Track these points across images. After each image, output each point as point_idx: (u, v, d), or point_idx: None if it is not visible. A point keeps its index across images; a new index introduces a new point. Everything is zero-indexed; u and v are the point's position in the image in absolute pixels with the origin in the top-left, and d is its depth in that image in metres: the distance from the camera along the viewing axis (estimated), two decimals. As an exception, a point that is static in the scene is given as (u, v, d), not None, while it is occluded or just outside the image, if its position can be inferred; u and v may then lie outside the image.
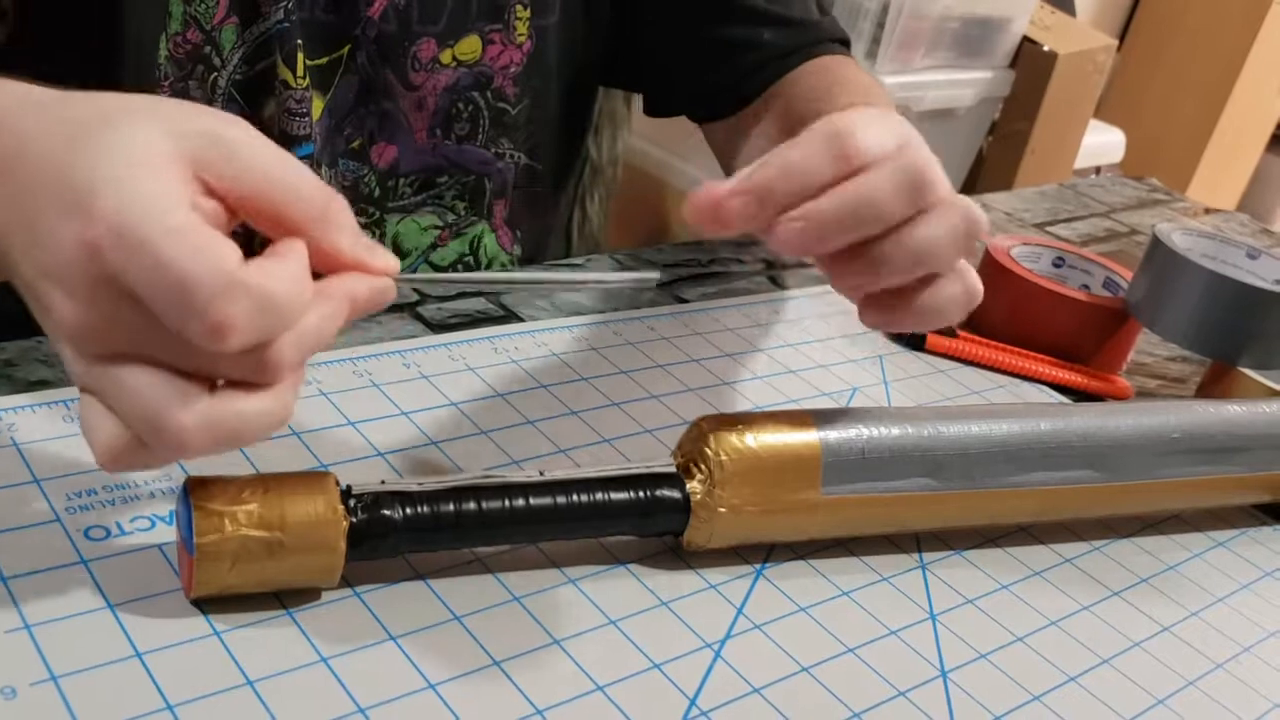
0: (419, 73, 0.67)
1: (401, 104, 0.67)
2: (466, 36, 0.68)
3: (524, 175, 0.75)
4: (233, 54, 0.61)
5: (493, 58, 0.69)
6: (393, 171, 0.70)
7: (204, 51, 0.60)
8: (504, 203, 0.75)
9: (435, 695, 0.38)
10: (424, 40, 0.66)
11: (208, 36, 0.60)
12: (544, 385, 0.56)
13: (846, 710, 0.42)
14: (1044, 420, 0.51)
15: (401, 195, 0.71)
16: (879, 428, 0.47)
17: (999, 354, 0.70)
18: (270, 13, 0.60)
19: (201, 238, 0.32)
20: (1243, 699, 0.48)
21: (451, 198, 0.72)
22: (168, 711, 0.35)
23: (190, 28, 0.60)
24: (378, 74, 0.66)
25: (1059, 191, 1.08)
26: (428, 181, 0.71)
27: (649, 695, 0.40)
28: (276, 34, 0.61)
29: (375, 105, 0.67)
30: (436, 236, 0.73)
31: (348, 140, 0.67)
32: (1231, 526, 0.60)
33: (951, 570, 0.51)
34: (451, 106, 0.69)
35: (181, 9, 0.59)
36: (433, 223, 0.73)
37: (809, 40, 0.74)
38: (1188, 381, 0.75)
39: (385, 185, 0.70)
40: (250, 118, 0.62)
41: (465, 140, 0.71)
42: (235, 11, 0.60)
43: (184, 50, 0.60)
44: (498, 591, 0.43)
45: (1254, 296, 0.66)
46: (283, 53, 0.61)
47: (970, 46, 1.97)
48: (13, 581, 0.38)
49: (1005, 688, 0.45)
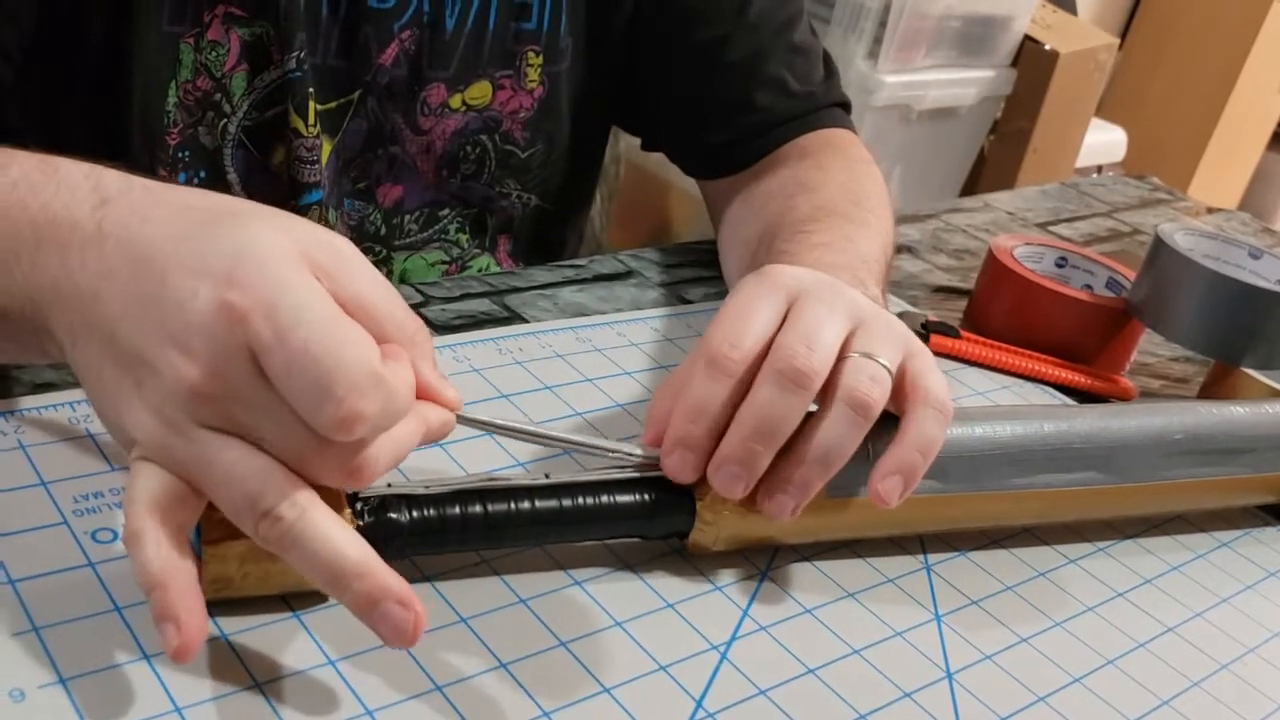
0: (428, 117, 0.66)
1: (409, 148, 0.67)
2: (477, 82, 0.67)
3: (533, 214, 0.75)
4: (242, 101, 0.61)
5: (502, 102, 0.69)
6: (398, 209, 0.69)
7: (214, 98, 0.60)
8: (508, 237, 0.75)
9: (442, 697, 0.38)
10: (434, 85, 0.66)
11: (218, 84, 0.60)
12: (548, 386, 0.56)
13: (852, 712, 0.42)
14: (1048, 423, 0.51)
15: (408, 233, 0.70)
16: (885, 431, 0.47)
17: (1002, 354, 0.70)
18: (283, 61, 0.60)
19: (353, 331, 0.34)
20: (1247, 700, 0.48)
21: (455, 230, 0.72)
22: (176, 714, 0.35)
23: (200, 75, 0.59)
24: (387, 118, 0.66)
25: (1061, 191, 1.08)
26: (432, 216, 0.71)
27: (655, 697, 0.40)
28: (288, 82, 0.61)
29: (383, 149, 0.67)
30: (444, 271, 0.73)
31: (354, 181, 0.67)
32: (1235, 527, 0.60)
33: (956, 571, 0.51)
34: (459, 150, 0.69)
35: (192, 57, 0.59)
36: (439, 258, 0.72)
37: (806, 109, 0.72)
38: (1191, 382, 0.75)
39: (390, 223, 0.70)
40: (260, 164, 0.63)
41: (470, 179, 0.71)
42: (246, 59, 0.60)
43: (194, 97, 0.60)
44: (504, 594, 0.43)
45: (1257, 297, 0.66)
46: (294, 101, 0.61)
47: (972, 45, 1.97)
48: (20, 584, 0.38)
49: (1010, 689, 0.45)
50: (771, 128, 0.71)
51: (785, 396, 0.42)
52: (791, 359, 0.42)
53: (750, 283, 0.46)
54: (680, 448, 0.43)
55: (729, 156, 0.73)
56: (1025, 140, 2.11)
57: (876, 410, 0.43)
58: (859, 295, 0.46)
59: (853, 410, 0.43)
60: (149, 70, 0.58)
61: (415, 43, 0.64)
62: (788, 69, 0.72)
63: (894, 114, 1.91)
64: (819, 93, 0.73)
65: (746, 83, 0.71)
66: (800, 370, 0.42)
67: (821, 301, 0.44)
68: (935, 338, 0.69)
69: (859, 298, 0.46)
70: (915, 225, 0.91)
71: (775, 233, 0.61)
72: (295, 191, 0.63)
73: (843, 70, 0.80)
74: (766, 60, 0.71)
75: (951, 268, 0.84)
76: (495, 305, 0.64)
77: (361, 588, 0.34)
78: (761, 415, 0.42)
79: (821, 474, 0.43)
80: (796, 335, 0.43)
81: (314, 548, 0.34)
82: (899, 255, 0.84)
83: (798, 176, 0.67)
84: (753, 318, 0.44)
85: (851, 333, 0.44)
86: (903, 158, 2.01)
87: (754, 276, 0.46)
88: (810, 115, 0.72)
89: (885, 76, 1.82)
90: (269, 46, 0.60)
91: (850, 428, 0.43)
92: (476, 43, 0.66)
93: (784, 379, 0.42)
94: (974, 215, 0.96)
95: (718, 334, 0.43)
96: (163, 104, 0.59)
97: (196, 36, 0.58)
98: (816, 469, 0.43)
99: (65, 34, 0.56)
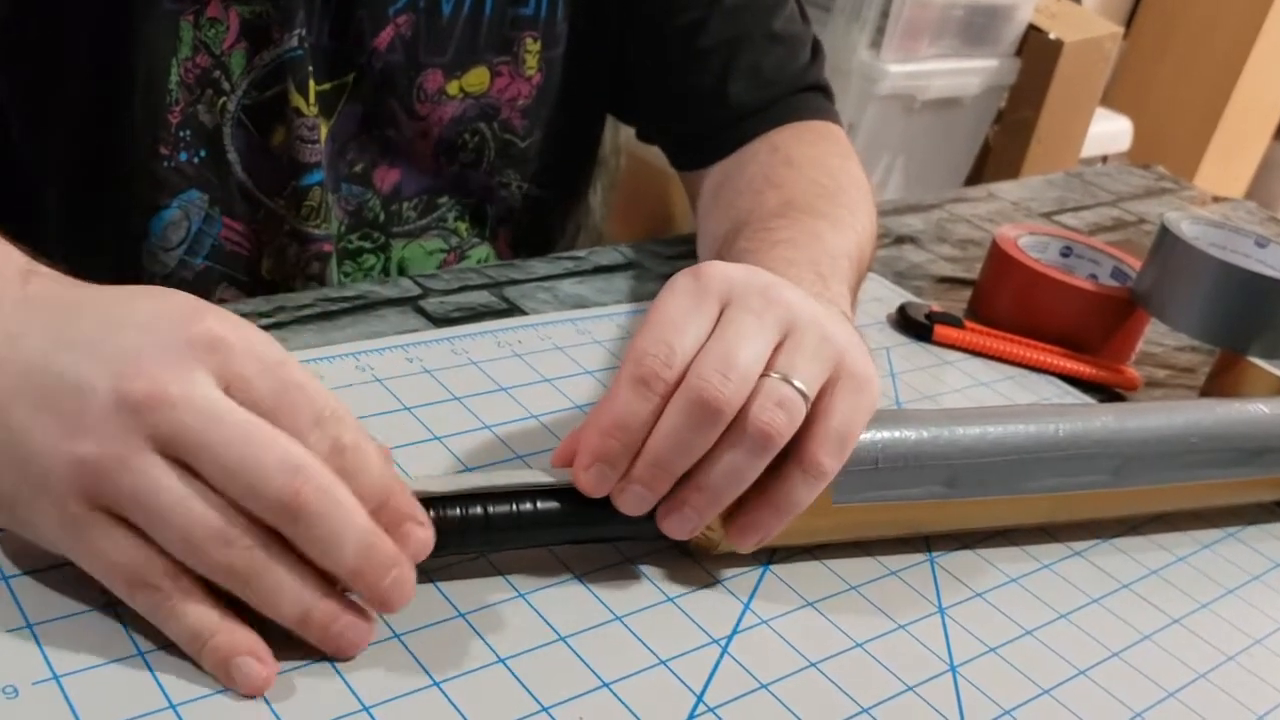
0: (424, 103, 0.66)
1: (405, 133, 0.67)
2: (474, 68, 0.67)
3: (532, 205, 0.74)
4: (242, 79, 0.61)
5: (500, 89, 0.68)
6: (396, 195, 0.69)
7: (213, 75, 0.60)
8: (508, 228, 0.74)
9: (440, 693, 0.38)
10: (430, 71, 0.65)
11: (217, 61, 0.60)
12: (548, 379, 0.56)
13: (855, 705, 0.41)
14: (1060, 427, 0.50)
15: (406, 219, 0.70)
16: (893, 432, 0.47)
17: (1007, 345, 0.69)
18: (282, 39, 0.60)
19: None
20: (1253, 691, 0.48)
21: (454, 219, 0.72)
22: (171, 711, 0.35)
23: (200, 52, 0.59)
24: (382, 103, 0.65)
25: (1066, 180, 1.08)
26: (431, 204, 0.70)
27: (656, 692, 0.40)
28: (288, 61, 0.60)
29: (379, 132, 0.66)
30: (443, 260, 0.73)
31: (350, 165, 0.66)
32: (1241, 519, 0.59)
33: (960, 564, 0.50)
34: (457, 137, 0.68)
35: (191, 33, 0.58)
36: (438, 246, 0.72)
37: (779, 98, 0.70)
38: (1197, 371, 0.74)
39: (389, 210, 0.69)
40: (260, 144, 0.62)
41: (469, 168, 0.70)
42: (245, 37, 0.60)
43: (194, 75, 0.59)
44: (503, 588, 0.43)
45: (1263, 285, 0.65)
46: (295, 80, 0.61)
47: (976, 34, 1.96)
48: (14, 580, 0.38)
49: (1015, 681, 0.45)
50: (742, 119, 0.70)
51: (694, 426, 0.40)
52: (703, 389, 0.40)
53: (681, 287, 0.43)
54: (600, 463, 0.41)
55: (700, 148, 0.71)
56: (1030, 130, 2.10)
57: (780, 441, 0.41)
58: (798, 298, 0.44)
59: (754, 440, 0.41)
60: (152, 48, 0.58)
61: (411, 27, 0.63)
62: (765, 58, 0.70)
63: (897, 104, 1.90)
64: (795, 81, 0.71)
65: (721, 71, 0.69)
66: (711, 403, 0.40)
67: (749, 311, 0.42)
68: (940, 328, 0.69)
69: (797, 302, 0.43)
70: (919, 215, 0.90)
71: (740, 230, 0.59)
72: (296, 171, 0.63)
73: (845, 60, 0.79)
74: (742, 48, 0.69)
75: (956, 258, 0.84)
76: (494, 298, 0.63)
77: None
78: (669, 444, 0.40)
79: (716, 501, 0.42)
80: (715, 359, 0.41)
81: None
82: (902, 246, 0.84)
83: (766, 172, 0.66)
84: (682, 331, 0.41)
85: (780, 344, 0.42)
86: (906, 148, 2.00)
87: (686, 278, 0.44)
88: (784, 106, 0.70)
89: (888, 66, 1.81)
90: (269, 25, 0.59)
91: (749, 457, 0.41)
92: (473, 28, 0.65)
93: (695, 408, 0.40)
94: (978, 205, 0.96)
95: (648, 347, 0.41)
96: (165, 82, 0.59)
97: (196, 13, 0.58)
98: (710, 496, 0.42)
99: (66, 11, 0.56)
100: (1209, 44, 2.75)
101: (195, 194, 0.62)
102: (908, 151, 2.01)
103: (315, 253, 0.65)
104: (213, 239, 0.64)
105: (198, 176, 0.62)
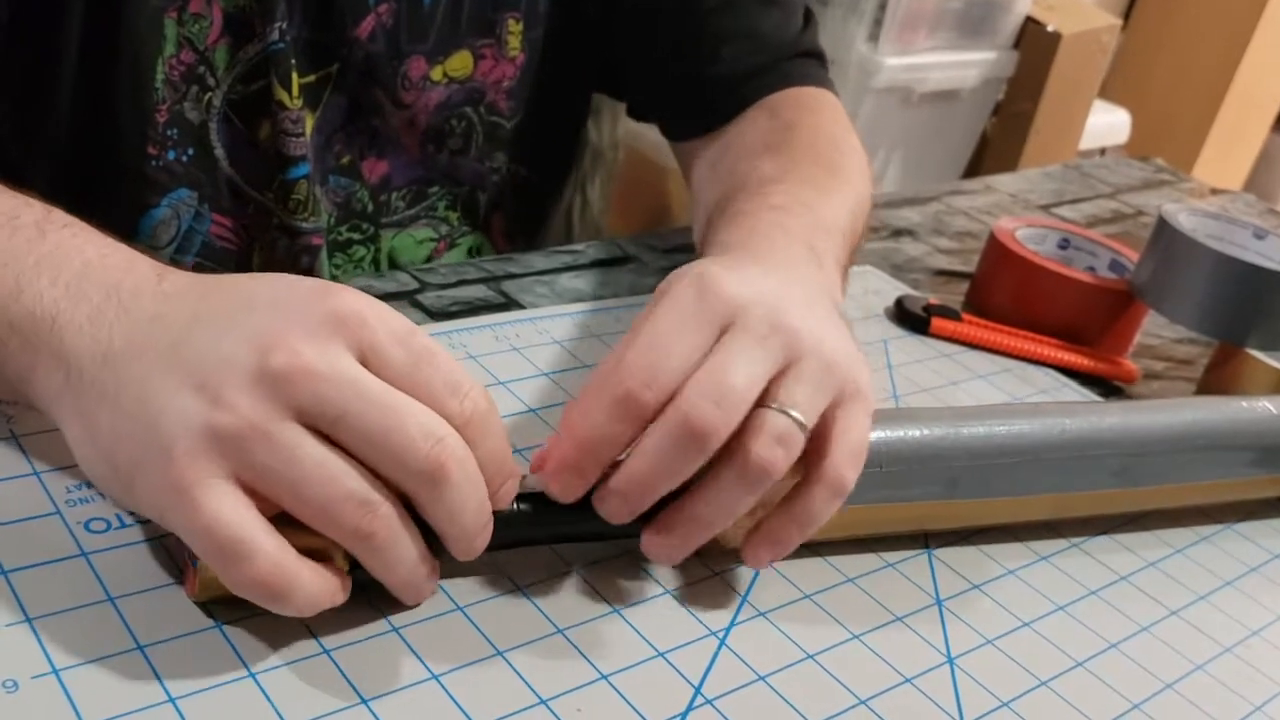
0: (409, 91, 0.65)
1: (392, 122, 0.66)
2: (457, 53, 0.66)
3: (521, 187, 0.74)
4: (227, 74, 0.60)
5: (485, 73, 0.68)
6: (384, 186, 0.69)
7: (198, 72, 0.60)
8: (501, 215, 0.74)
9: (439, 686, 0.38)
10: (413, 58, 0.65)
11: (201, 57, 0.59)
12: (546, 373, 0.56)
13: (852, 698, 0.42)
14: (1065, 428, 0.50)
15: (395, 210, 0.70)
16: (896, 434, 0.46)
17: (1005, 337, 0.69)
18: (265, 33, 0.59)
19: None
20: (1251, 683, 0.48)
21: (444, 208, 0.71)
22: (170, 704, 0.35)
23: (184, 49, 0.59)
24: (367, 93, 0.65)
25: (1064, 172, 1.08)
26: (420, 194, 0.70)
27: (654, 684, 0.40)
28: (271, 54, 0.60)
29: (364, 123, 0.66)
30: (433, 249, 0.72)
31: (337, 157, 0.66)
32: (1239, 512, 0.59)
33: (958, 557, 0.50)
34: (444, 124, 0.68)
35: (175, 30, 0.58)
36: (428, 235, 0.72)
37: (774, 62, 0.68)
38: (1195, 363, 0.74)
39: (378, 200, 0.69)
40: (245, 138, 0.62)
41: (458, 155, 0.70)
42: (229, 32, 0.59)
43: (179, 71, 0.59)
44: (500, 581, 0.43)
45: (1261, 277, 0.65)
46: (278, 73, 0.60)
47: (974, 27, 1.96)
48: (13, 575, 0.38)
49: (1013, 673, 0.45)
50: (738, 84, 0.68)
51: (680, 451, 0.39)
52: (691, 413, 0.39)
53: (681, 299, 0.41)
54: (573, 475, 0.41)
55: (698, 115, 0.70)
56: (1027, 122, 2.10)
57: (775, 475, 0.40)
58: (805, 323, 0.42)
59: (753, 476, 0.40)
60: (138, 45, 0.58)
61: (392, 16, 0.63)
62: (760, 21, 0.68)
63: (895, 96, 1.90)
64: (791, 46, 0.70)
65: (715, 34, 0.68)
66: (699, 431, 0.39)
67: (751, 334, 0.41)
68: (937, 320, 0.69)
69: (804, 329, 0.42)
70: (916, 208, 0.90)
71: (736, 192, 0.58)
72: (282, 165, 0.63)
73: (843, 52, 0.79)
74: (735, 10, 0.68)
75: (953, 250, 0.84)
76: (492, 292, 0.63)
77: None
78: (650, 465, 0.40)
79: (706, 532, 0.41)
80: (708, 386, 0.39)
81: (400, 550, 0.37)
82: (900, 238, 0.83)
83: (766, 138, 0.64)
84: (669, 350, 0.40)
85: (780, 373, 0.41)
86: (904, 140, 2.00)
87: (689, 290, 0.42)
88: (779, 71, 0.69)
89: (886, 59, 1.81)
90: (251, 18, 0.59)
91: (741, 491, 0.40)
92: (454, 13, 0.65)
93: (681, 433, 0.39)
94: (976, 198, 0.96)
95: (635, 362, 0.40)
96: (152, 81, 0.59)
97: (180, 9, 0.58)
98: (700, 526, 0.41)
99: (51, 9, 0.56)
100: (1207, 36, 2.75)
101: (184, 192, 0.62)
102: (905, 144, 2.01)
103: (305, 246, 0.65)
104: (203, 236, 0.64)
105: (186, 174, 0.62)
